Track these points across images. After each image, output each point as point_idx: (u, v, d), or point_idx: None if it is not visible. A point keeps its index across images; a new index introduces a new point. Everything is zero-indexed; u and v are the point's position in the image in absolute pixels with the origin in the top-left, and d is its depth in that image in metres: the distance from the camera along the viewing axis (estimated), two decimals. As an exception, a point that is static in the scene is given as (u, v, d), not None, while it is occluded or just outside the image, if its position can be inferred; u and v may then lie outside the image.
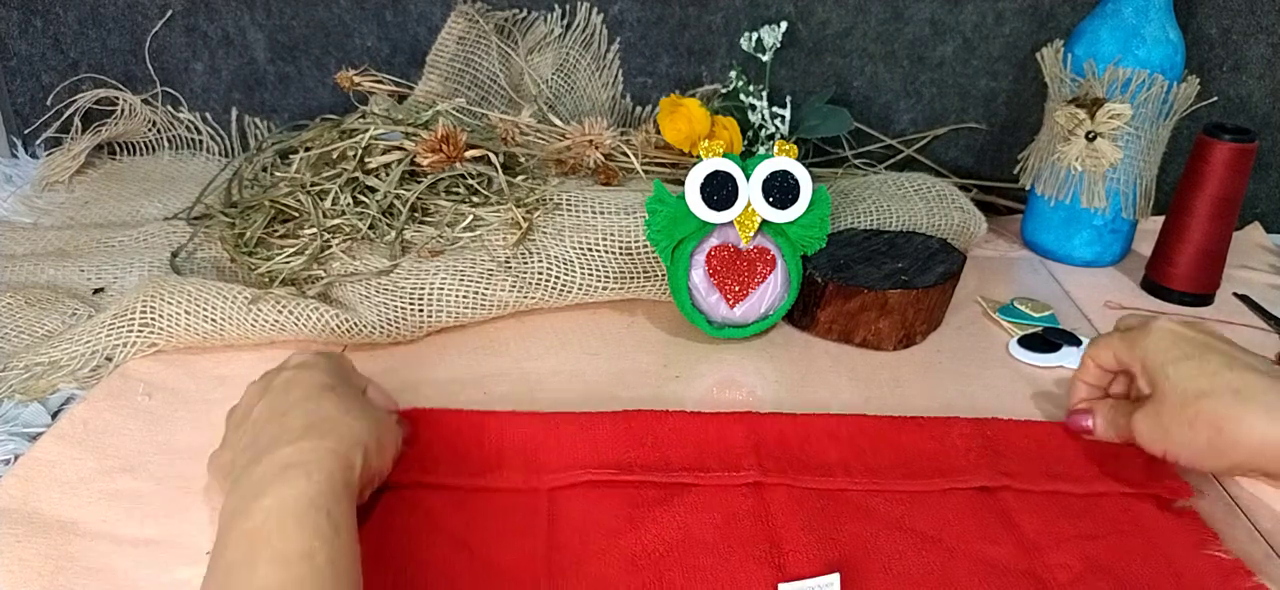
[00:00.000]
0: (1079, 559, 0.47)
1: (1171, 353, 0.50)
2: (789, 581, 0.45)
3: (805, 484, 0.52)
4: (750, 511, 0.50)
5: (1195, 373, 0.49)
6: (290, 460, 0.41)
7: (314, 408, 0.46)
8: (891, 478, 0.53)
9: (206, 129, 1.00)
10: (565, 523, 0.49)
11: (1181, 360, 0.49)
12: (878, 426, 0.57)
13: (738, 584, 0.45)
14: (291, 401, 0.46)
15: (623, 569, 0.46)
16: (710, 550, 0.47)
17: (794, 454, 0.54)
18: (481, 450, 0.54)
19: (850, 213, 0.79)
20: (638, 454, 0.53)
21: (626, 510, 0.50)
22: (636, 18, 0.94)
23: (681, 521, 0.49)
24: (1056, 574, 0.46)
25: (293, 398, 0.47)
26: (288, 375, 0.49)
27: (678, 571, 0.46)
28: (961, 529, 0.49)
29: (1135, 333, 0.53)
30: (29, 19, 0.95)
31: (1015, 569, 0.47)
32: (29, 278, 0.74)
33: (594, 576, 0.46)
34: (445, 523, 0.49)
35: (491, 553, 0.47)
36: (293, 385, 0.48)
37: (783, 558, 0.47)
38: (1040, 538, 0.49)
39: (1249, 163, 0.74)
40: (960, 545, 0.48)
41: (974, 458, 0.54)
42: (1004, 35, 0.92)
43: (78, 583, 0.46)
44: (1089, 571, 0.47)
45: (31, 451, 0.55)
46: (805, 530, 0.48)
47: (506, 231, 0.71)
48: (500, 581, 0.45)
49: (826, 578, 0.44)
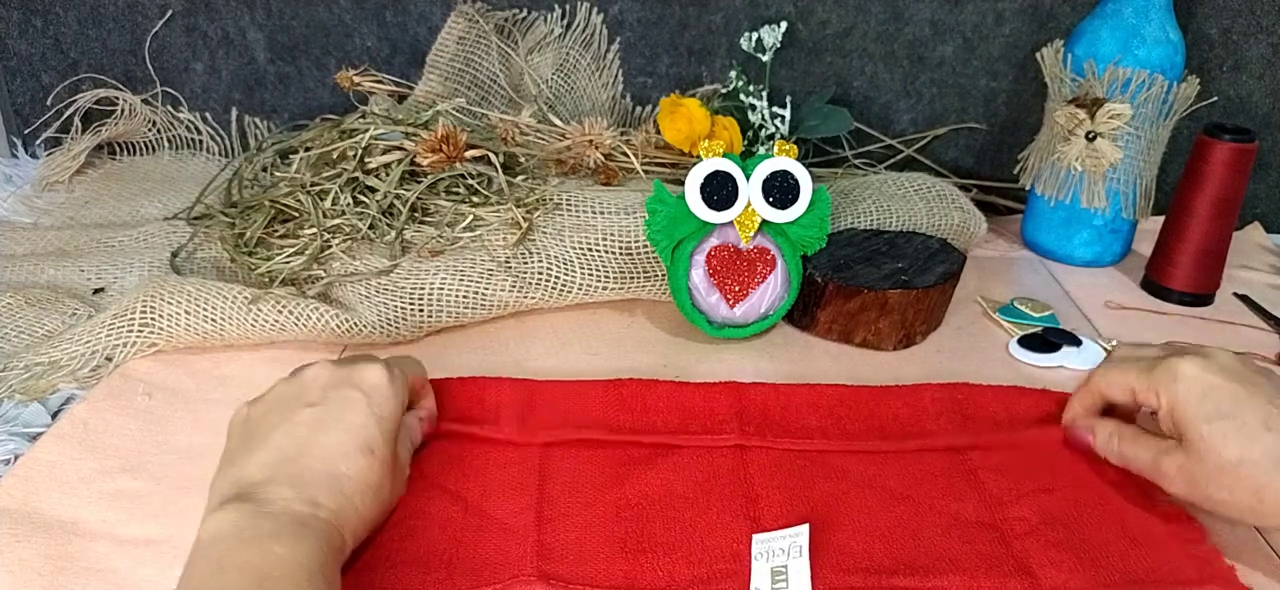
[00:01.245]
0: (1035, 511, 0.51)
1: (1205, 408, 0.47)
2: (763, 532, 0.48)
3: (784, 446, 0.55)
4: (730, 471, 0.54)
5: (1234, 436, 0.46)
6: (307, 520, 0.42)
7: (345, 468, 0.45)
8: (866, 440, 0.57)
9: (206, 129, 1.00)
10: (555, 478, 0.53)
11: (1217, 419, 0.47)
12: (856, 396, 0.61)
13: (715, 534, 0.49)
14: (331, 443, 0.46)
15: (608, 519, 0.50)
16: (690, 504, 0.51)
17: (775, 420, 0.58)
18: (482, 408, 0.58)
19: (850, 213, 0.79)
20: (626, 418, 0.58)
21: (613, 468, 0.54)
22: (636, 18, 0.94)
23: (664, 478, 0.53)
24: (1014, 526, 0.50)
25: (332, 439, 0.46)
26: (350, 397, 0.47)
27: (660, 522, 0.50)
28: (929, 487, 0.53)
29: (1159, 372, 0.50)
30: (29, 19, 0.95)
31: (977, 521, 0.51)
32: (29, 278, 0.74)
33: (582, 524, 0.50)
34: (442, 480, 0.52)
35: (486, 504, 0.51)
36: (343, 421, 0.46)
37: (758, 511, 0.51)
38: (1002, 493, 0.53)
39: (1249, 163, 0.74)
40: (927, 501, 0.52)
41: (944, 421, 0.59)
42: (1004, 35, 0.92)
43: (78, 583, 0.46)
44: (1044, 523, 0.50)
45: (31, 451, 0.55)
46: (780, 489, 0.52)
47: (506, 231, 0.71)
48: (494, 530, 0.49)
49: (796, 528, 0.47)
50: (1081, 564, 0.48)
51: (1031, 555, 0.48)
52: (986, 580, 0.46)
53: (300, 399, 0.47)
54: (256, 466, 0.44)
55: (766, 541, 0.47)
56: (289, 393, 0.49)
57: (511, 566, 0.46)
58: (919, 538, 0.49)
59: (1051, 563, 0.48)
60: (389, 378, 0.49)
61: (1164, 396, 0.49)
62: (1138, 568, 0.48)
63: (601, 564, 0.47)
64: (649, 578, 0.47)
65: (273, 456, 0.45)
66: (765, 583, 0.46)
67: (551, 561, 0.47)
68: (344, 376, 0.48)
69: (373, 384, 0.48)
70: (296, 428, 0.46)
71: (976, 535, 0.49)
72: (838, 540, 0.49)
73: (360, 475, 0.45)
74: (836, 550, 0.48)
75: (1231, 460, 0.46)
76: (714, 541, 0.49)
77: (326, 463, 0.45)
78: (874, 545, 0.49)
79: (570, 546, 0.48)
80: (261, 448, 0.45)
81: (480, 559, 0.47)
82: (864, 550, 0.48)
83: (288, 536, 0.40)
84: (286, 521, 0.41)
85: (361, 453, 0.46)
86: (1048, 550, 0.49)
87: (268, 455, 0.45)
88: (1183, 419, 0.48)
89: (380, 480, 0.47)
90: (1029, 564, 0.48)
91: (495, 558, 0.47)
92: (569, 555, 0.48)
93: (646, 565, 0.47)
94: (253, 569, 0.38)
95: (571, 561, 0.47)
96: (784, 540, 0.47)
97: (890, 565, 0.47)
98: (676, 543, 0.49)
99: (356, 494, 0.45)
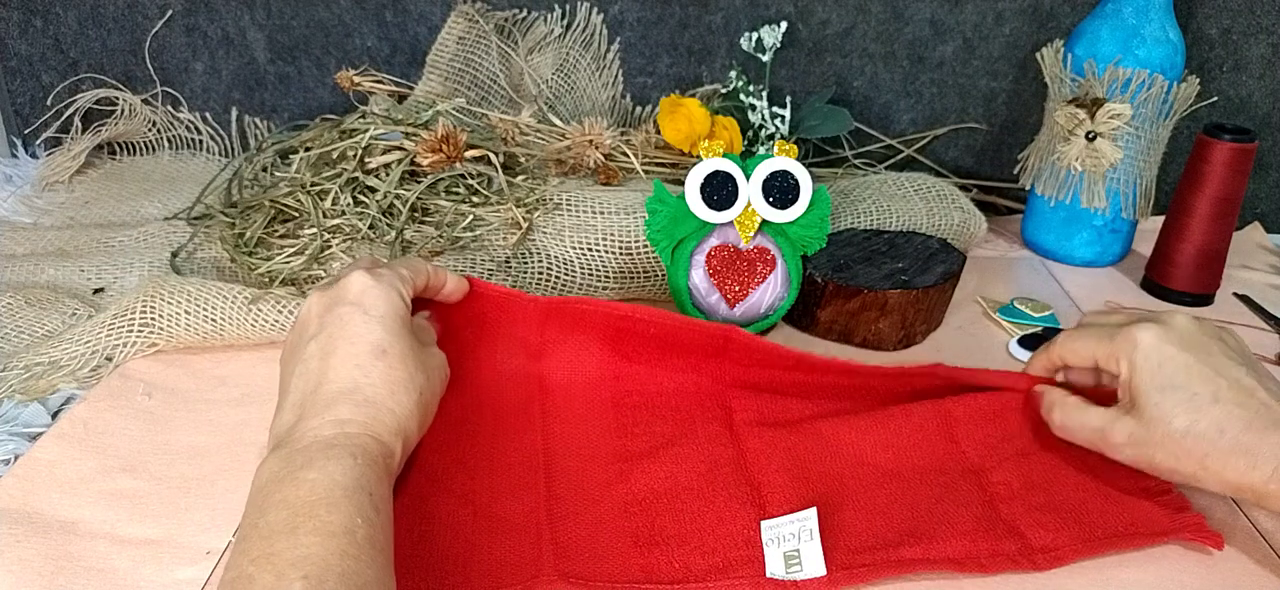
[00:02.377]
0: (1016, 476, 0.54)
1: (1158, 377, 0.48)
2: (770, 518, 0.49)
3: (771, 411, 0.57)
4: (730, 460, 0.54)
5: (1183, 405, 0.47)
6: (335, 440, 0.43)
7: (362, 377, 0.46)
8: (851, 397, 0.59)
9: (206, 129, 1.00)
10: (561, 477, 0.53)
11: (1168, 388, 0.48)
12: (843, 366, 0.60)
13: (724, 523, 0.50)
14: (340, 361, 0.46)
15: (617, 515, 0.50)
16: (696, 495, 0.52)
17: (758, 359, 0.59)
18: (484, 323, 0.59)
19: (850, 213, 0.79)
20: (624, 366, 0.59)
21: (617, 465, 0.54)
22: (636, 18, 0.94)
23: (667, 471, 0.53)
24: (999, 490, 0.53)
25: (340, 357, 0.46)
26: (344, 314, 0.48)
27: (668, 515, 0.50)
28: (915, 459, 0.55)
29: (1120, 339, 0.51)
30: (29, 19, 0.95)
31: (965, 488, 0.53)
32: (29, 278, 0.74)
33: (592, 521, 0.50)
34: (448, 482, 0.52)
35: (495, 506, 0.51)
36: (344, 336, 0.47)
37: (762, 498, 0.51)
38: (983, 460, 0.55)
39: (1249, 163, 0.74)
40: (915, 475, 0.54)
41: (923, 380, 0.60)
42: (1004, 35, 0.92)
43: (78, 583, 0.46)
44: (1025, 488, 0.53)
45: (31, 451, 0.55)
46: (779, 472, 0.53)
47: (506, 231, 0.71)
48: (506, 531, 0.49)
49: (804, 512, 0.48)
50: (1065, 523, 0.50)
51: (1018, 518, 0.50)
52: (984, 543, 0.49)
53: (303, 336, 0.48)
54: (287, 412, 0.46)
55: (775, 527, 0.48)
56: (294, 339, 0.50)
57: (530, 567, 0.47)
58: (915, 509, 0.51)
59: (1037, 523, 0.50)
60: (375, 279, 0.49)
61: (1123, 363, 0.50)
62: (1116, 522, 0.50)
63: (617, 559, 0.47)
64: (665, 570, 0.47)
65: (296, 398, 0.46)
66: (780, 568, 0.46)
67: (568, 559, 0.47)
68: (332, 297, 0.49)
69: (360, 290, 0.49)
70: (308, 363, 0.47)
71: (969, 499, 0.52)
72: (841, 520, 0.50)
73: (381, 377, 0.46)
74: (842, 530, 0.49)
75: (1179, 429, 0.47)
76: (724, 530, 0.49)
77: (342, 380, 0.45)
78: (875, 521, 0.50)
79: (583, 544, 0.48)
80: (287, 396, 0.47)
81: (496, 560, 0.47)
82: (867, 527, 0.50)
83: (319, 461, 0.41)
84: (316, 449, 0.42)
85: (373, 356, 0.46)
86: (1032, 513, 0.51)
87: (293, 398, 0.46)
88: (1137, 387, 0.49)
89: (408, 374, 0.47)
90: (1017, 526, 0.50)
91: (512, 559, 0.47)
92: (583, 552, 0.48)
93: (661, 558, 0.48)
94: (288, 502, 0.39)
95: (587, 559, 0.47)
96: (793, 525, 0.48)
97: (894, 538, 0.49)
98: (688, 534, 0.49)
99: (385, 396, 0.46)
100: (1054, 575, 0.48)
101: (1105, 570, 0.48)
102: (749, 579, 0.46)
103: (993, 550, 0.48)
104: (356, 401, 0.45)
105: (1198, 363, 0.48)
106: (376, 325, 0.47)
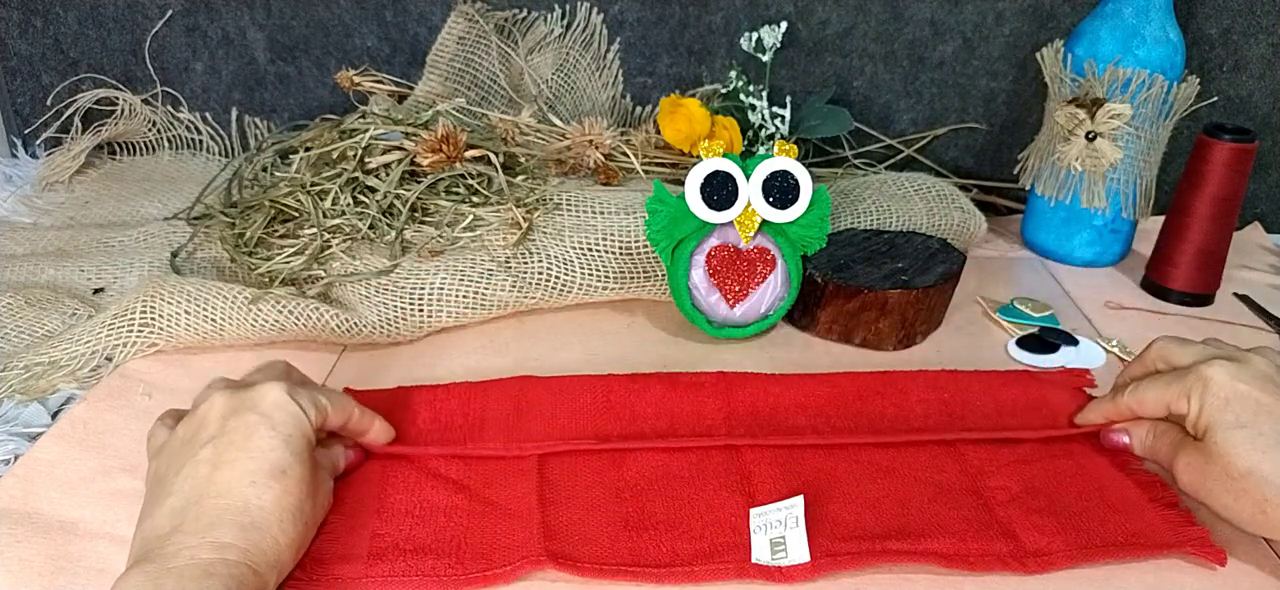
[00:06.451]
0: (1016, 481, 0.53)
1: (1225, 416, 0.47)
2: (759, 506, 0.49)
3: (774, 443, 0.56)
4: (723, 449, 0.56)
5: (1247, 446, 0.46)
6: (211, 566, 0.40)
7: (254, 496, 0.43)
8: (854, 434, 0.58)
9: (206, 129, 1.00)
10: (554, 465, 0.54)
11: (1234, 427, 0.47)
12: (844, 396, 0.61)
13: (713, 511, 0.51)
14: (234, 475, 0.43)
15: (609, 500, 0.51)
16: (687, 484, 0.53)
17: (765, 420, 0.59)
18: (466, 420, 0.58)
19: (850, 213, 0.79)
20: (615, 426, 0.58)
21: (609, 456, 0.55)
22: (636, 18, 0.94)
23: (661, 462, 0.55)
24: (996, 494, 0.52)
25: (236, 471, 0.43)
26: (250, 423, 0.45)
27: (659, 502, 0.51)
28: (913, 460, 0.55)
29: (1190, 378, 0.49)
30: (29, 19, 0.95)
31: (961, 490, 0.53)
32: (29, 278, 0.74)
33: (584, 506, 0.51)
34: (444, 471, 0.54)
35: (489, 492, 0.52)
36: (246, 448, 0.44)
37: (752, 488, 0.52)
38: (982, 464, 0.55)
39: (1249, 163, 0.74)
40: (911, 474, 0.54)
41: (932, 419, 0.59)
42: (1004, 35, 0.92)
43: (78, 583, 0.46)
44: (1025, 492, 0.52)
45: (31, 451, 0.55)
46: (772, 465, 0.54)
47: (506, 231, 0.71)
48: (499, 515, 0.50)
49: (790, 500, 0.48)
50: (1062, 528, 0.50)
51: (1014, 521, 0.50)
52: (973, 543, 0.48)
53: (199, 436, 0.45)
54: (164, 517, 0.42)
55: (763, 515, 0.49)
56: (188, 432, 0.46)
57: (520, 549, 0.47)
58: (907, 506, 0.51)
59: (1034, 527, 0.50)
60: (290, 394, 0.47)
61: (1193, 401, 0.49)
62: (1117, 532, 0.49)
63: (606, 543, 0.48)
64: (653, 554, 0.48)
65: (177, 504, 0.43)
66: (765, 554, 0.47)
67: (557, 541, 0.48)
68: (240, 402, 0.46)
69: (272, 403, 0.46)
70: (198, 467, 0.44)
71: (961, 502, 0.52)
72: (830, 511, 0.51)
73: (274, 501, 0.43)
74: (829, 520, 0.50)
75: (1241, 469, 0.46)
76: (713, 517, 0.50)
77: (232, 497, 0.43)
78: (865, 514, 0.51)
79: (574, 527, 0.49)
80: (165, 496, 0.43)
81: (489, 543, 0.48)
82: (856, 519, 0.50)
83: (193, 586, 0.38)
84: (190, 574, 0.39)
85: (271, 477, 0.44)
86: (1030, 516, 0.50)
87: (172, 504, 0.43)
88: (1204, 424, 0.48)
89: (299, 501, 0.44)
90: (1012, 528, 0.50)
91: (504, 541, 0.48)
92: (574, 535, 0.49)
93: (650, 542, 0.48)
94: None
95: (577, 541, 0.48)
96: (780, 512, 0.48)
97: (881, 531, 0.49)
98: (677, 520, 0.50)
99: (273, 522, 0.43)
100: (1048, 582, 0.47)
101: (1099, 582, 0.47)
102: (734, 565, 0.47)
103: (983, 550, 0.48)
104: (242, 524, 0.42)
105: (1269, 402, 0.47)
106: (281, 445, 0.45)
